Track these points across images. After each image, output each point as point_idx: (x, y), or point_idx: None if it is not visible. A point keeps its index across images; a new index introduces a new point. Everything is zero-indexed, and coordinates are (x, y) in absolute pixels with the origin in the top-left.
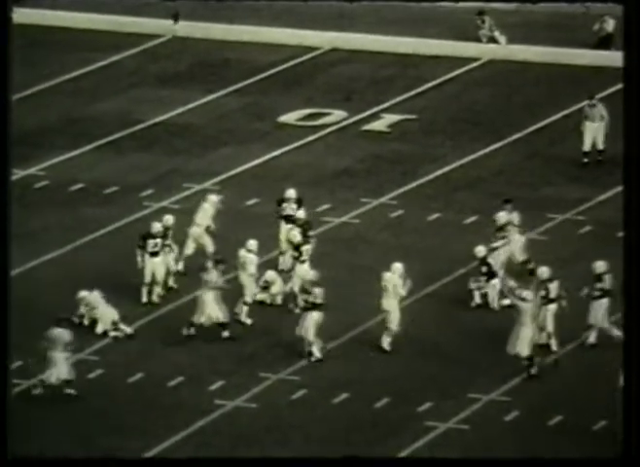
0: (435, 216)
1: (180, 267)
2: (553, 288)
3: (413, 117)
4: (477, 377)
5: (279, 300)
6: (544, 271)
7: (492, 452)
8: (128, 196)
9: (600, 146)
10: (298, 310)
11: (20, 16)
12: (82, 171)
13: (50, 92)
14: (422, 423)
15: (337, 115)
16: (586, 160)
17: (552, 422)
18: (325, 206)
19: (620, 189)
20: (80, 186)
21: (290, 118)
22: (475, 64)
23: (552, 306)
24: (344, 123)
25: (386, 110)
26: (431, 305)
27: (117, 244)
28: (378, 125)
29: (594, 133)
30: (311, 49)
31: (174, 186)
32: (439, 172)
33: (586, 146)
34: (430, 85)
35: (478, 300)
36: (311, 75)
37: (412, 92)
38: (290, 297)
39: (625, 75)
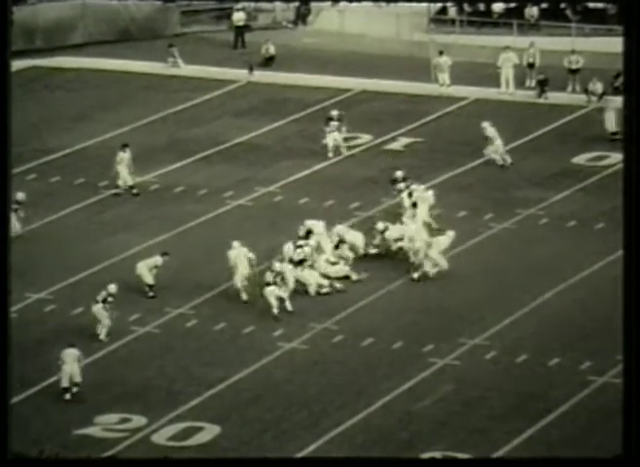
0: (436, 212)
1: None
2: None
3: (421, 140)
4: (465, 326)
5: None
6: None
7: (476, 382)
8: (215, 196)
9: (616, 129)
10: None
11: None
12: (182, 178)
13: (160, 121)
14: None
15: (365, 138)
16: (611, 137)
17: (519, 360)
18: (355, 204)
19: (566, 193)
20: (181, 189)
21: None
22: (465, 102)
23: None
24: (370, 144)
25: (401, 135)
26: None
27: (206, 232)
28: (395, 145)
29: (612, 119)
30: (346, 90)
31: (248, 189)
32: (438, 180)
33: (611, 128)
34: (433, 116)
35: None
36: (346, 109)
37: (420, 122)
38: None
39: (626, 74)
